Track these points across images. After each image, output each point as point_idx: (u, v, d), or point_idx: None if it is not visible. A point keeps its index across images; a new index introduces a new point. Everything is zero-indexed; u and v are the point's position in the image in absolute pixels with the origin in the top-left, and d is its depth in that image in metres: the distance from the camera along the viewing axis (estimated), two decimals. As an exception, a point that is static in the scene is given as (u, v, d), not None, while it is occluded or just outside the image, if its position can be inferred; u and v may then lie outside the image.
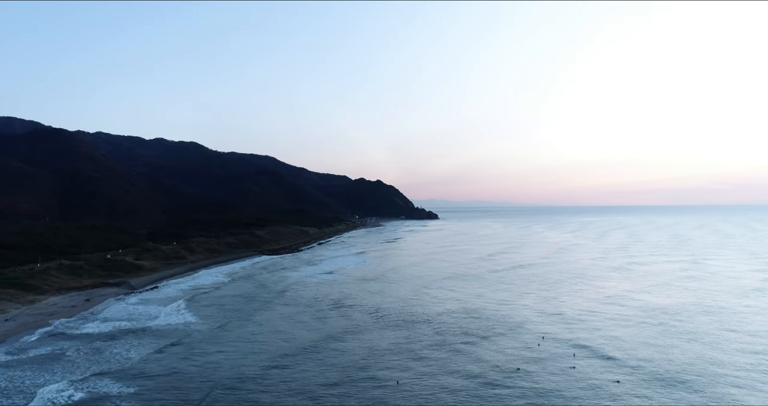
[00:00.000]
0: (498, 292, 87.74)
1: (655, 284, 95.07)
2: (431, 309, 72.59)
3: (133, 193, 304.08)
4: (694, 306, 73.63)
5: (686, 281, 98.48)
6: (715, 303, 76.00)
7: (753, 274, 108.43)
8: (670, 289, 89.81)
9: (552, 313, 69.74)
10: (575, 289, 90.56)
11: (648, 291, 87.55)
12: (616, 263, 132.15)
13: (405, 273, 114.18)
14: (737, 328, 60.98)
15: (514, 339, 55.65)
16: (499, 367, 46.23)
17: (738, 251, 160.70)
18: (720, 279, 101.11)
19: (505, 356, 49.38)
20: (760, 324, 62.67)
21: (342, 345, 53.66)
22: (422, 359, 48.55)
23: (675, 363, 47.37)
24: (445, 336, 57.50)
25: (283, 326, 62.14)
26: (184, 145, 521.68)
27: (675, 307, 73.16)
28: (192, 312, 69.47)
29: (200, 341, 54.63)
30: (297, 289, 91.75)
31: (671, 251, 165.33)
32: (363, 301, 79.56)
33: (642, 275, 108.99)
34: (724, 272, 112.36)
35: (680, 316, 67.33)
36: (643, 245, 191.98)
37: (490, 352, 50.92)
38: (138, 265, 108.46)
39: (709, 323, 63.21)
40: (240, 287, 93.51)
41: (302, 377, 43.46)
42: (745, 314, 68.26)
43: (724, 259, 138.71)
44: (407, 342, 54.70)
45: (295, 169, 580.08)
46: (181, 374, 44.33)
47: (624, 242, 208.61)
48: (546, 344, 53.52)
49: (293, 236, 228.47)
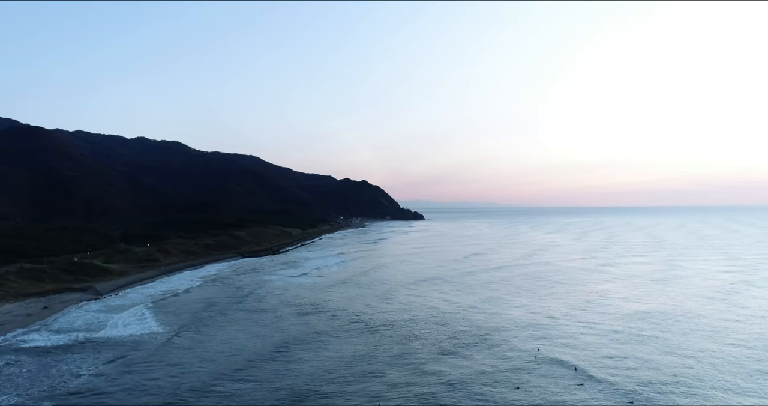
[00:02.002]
0: (469, 296, 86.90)
1: (628, 287, 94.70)
2: (398, 316, 71.21)
3: (111, 193, 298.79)
4: (661, 312, 73.41)
5: (655, 284, 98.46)
6: (685, 308, 75.82)
7: (721, 275, 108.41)
8: (641, 292, 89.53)
9: (522, 319, 68.62)
10: (548, 293, 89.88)
11: (621, 295, 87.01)
12: (591, 264, 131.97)
13: (380, 276, 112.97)
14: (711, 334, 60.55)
15: (483, 352, 53.08)
16: (461, 385, 44.36)
17: (711, 252, 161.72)
18: (688, 282, 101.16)
19: (469, 372, 46.69)
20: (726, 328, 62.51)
21: (297, 357, 51.17)
22: (381, 376, 45.35)
23: (641, 372, 46.57)
24: (409, 346, 55.68)
25: (242, 335, 60.07)
26: (166, 145, 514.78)
27: (644, 312, 72.97)
28: (156, 320, 67.34)
29: (154, 354, 52.24)
30: (268, 293, 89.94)
31: (647, 252, 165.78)
32: (330, 306, 78.17)
33: (615, 277, 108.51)
34: (693, 274, 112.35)
35: (649, 321, 67.02)
36: (619, 246, 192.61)
37: (453, 368, 47.67)
38: (107, 268, 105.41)
39: (675, 331, 62.59)
40: (211, 292, 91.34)
41: (250, 394, 41.41)
42: (714, 318, 68.05)
43: (697, 261, 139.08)
44: (368, 355, 52.16)
45: (279, 169, 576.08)
46: (132, 390, 42.12)
47: (602, 243, 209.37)
48: (512, 353, 52.23)
49: (275, 237, 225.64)
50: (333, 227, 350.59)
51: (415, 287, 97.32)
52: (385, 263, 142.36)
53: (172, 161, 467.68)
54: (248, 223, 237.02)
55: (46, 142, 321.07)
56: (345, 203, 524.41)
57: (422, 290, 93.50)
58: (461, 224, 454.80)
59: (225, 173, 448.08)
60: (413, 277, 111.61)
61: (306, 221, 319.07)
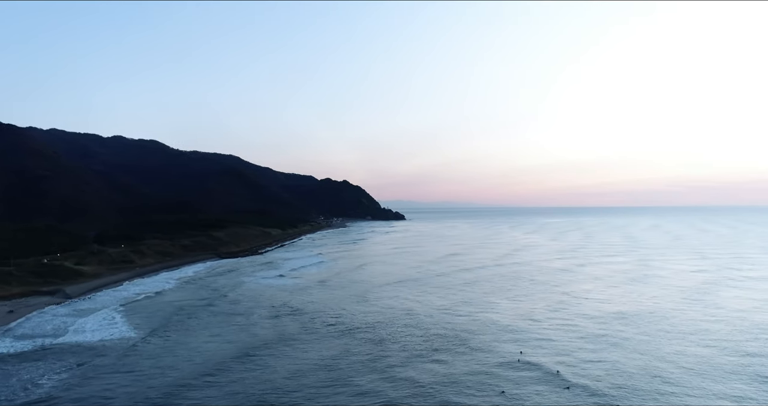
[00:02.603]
0: (445, 298, 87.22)
1: (605, 287, 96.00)
2: (372, 318, 71.19)
3: (87, 193, 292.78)
4: (638, 313, 74.28)
5: (631, 285, 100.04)
6: (662, 308, 76.95)
7: (696, 275, 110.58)
8: (618, 293, 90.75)
9: (500, 321, 69.07)
10: (525, 294, 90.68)
11: (598, 296, 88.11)
12: (567, 264, 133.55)
13: (357, 277, 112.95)
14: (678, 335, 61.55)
15: (462, 356, 52.41)
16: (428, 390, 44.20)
17: (682, 252, 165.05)
18: (663, 282, 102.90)
19: (438, 377, 46.02)
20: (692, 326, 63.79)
21: (266, 363, 50.29)
22: (351, 384, 44.31)
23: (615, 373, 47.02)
24: (382, 350, 55.47)
25: (211, 340, 59.17)
26: (144, 144, 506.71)
27: (622, 313, 73.91)
28: (126, 324, 66.28)
29: (119, 360, 51.11)
30: (242, 295, 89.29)
31: (622, 252, 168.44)
32: (304, 308, 77.85)
33: (592, 277, 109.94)
34: (668, 274, 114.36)
35: (627, 323, 67.75)
36: (595, 246, 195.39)
37: (422, 374, 46.82)
38: (78, 270, 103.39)
39: (654, 333, 63.37)
40: (185, 294, 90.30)
41: (213, 403, 40.78)
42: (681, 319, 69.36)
43: (669, 260, 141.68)
44: (339, 360, 51.54)
45: (260, 168, 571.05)
46: (92, 399, 41.16)
47: (579, 243, 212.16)
48: (485, 356, 52.36)
49: (254, 238, 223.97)
50: (313, 227, 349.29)
51: (391, 288, 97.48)
52: (362, 263, 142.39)
53: (150, 160, 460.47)
54: (227, 223, 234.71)
55: (18, 140, 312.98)
56: (326, 203, 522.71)
57: (398, 291, 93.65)
58: (442, 224, 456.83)
59: (204, 173, 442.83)
60: (390, 278, 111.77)
61: (286, 221, 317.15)
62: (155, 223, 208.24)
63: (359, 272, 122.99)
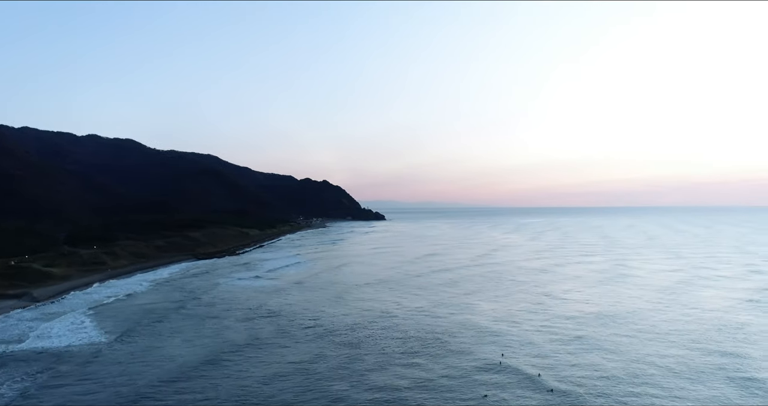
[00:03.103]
0: (422, 299, 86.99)
1: (583, 287, 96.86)
2: (348, 320, 70.58)
3: (60, 193, 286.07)
4: (616, 314, 74.81)
5: (609, 285, 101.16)
6: (640, 308, 77.78)
7: (673, 275, 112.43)
8: (596, 293, 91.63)
9: (479, 323, 68.98)
10: (503, 294, 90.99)
11: (576, 296, 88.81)
12: (545, 264, 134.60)
13: (334, 278, 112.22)
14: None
15: (436, 358, 51.85)
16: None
17: (657, 252, 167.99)
18: (640, 282, 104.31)
19: (418, 382, 45.29)
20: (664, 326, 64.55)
21: (235, 368, 49.07)
22: (323, 390, 43.00)
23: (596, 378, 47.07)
24: (355, 352, 54.84)
25: (181, 344, 57.63)
26: (120, 143, 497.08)
27: (601, 313, 74.33)
28: (93, 328, 64.43)
29: (83, 367, 49.24)
30: (216, 297, 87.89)
31: (598, 251, 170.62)
32: (278, 310, 76.85)
33: (568, 277, 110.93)
34: (645, 274, 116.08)
35: (606, 324, 68.12)
36: (572, 245, 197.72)
37: (400, 378, 45.97)
38: (47, 273, 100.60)
39: (633, 334, 63.78)
40: (157, 297, 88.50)
41: None
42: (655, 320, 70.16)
43: (644, 260, 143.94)
44: (311, 364, 50.41)
45: (238, 168, 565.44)
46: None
47: (557, 242, 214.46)
48: (466, 359, 51.82)
49: (232, 239, 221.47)
50: (293, 227, 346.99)
51: (368, 289, 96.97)
52: (340, 264, 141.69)
53: (126, 160, 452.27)
54: (204, 223, 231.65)
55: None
56: (306, 203, 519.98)
57: (376, 292, 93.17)
58: (422, 224, 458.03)
59: (182, 172, 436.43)
60: (367, 278, 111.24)
61: (265, 221, 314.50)
62: (130, 223, 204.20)
63: (337, 272, 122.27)
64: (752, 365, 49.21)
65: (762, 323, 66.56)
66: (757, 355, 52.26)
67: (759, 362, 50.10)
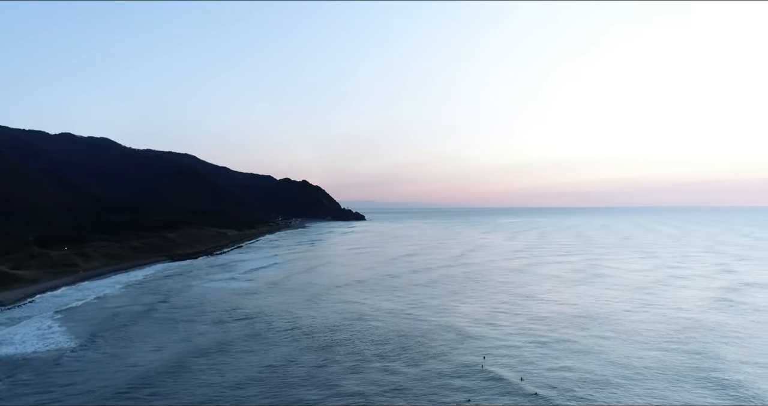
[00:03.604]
0: (399, 300, 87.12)
1: (559, 288, 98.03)
2: (321, 322, 70.21)
3: (32, 192, 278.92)
4: (593, 315, 75.53)
5: (583, 285, 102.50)
6: (610, 309, 78.84)
7: (651, 276, 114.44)
8: (572, 293, 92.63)
9: (456, 325, 69.17)
10: (480, 295, 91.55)
11: (554, 297, 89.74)
12: (520, 264, 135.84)
13: (310, 279, 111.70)
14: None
15: (413, 363, 50.94)
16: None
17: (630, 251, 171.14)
18: (617, 282, 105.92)
19: (395, 388, 44.26)
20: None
21: (201, 373, 47.60)
22: (291, 396, 41.76)
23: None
24: (326, 356, 54.16)
25: (147, 349, 56.27)
26: (95, 141, 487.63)
27: (575, 315, 75.10)
28: (60, 333, 62.84)
29: (43, 374, 47.62)
30: (189, 299, 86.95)
31: (573, 251, 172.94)
32: (250, 312, 76.15)
33: (545, 277, 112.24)
34: (616, 273, 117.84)
35: (578, 326, 68.75)
36: (548, 245, 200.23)
37: (373, 385, 44.78)
38: (14, 275, 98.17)
39: (611, 336, 64.51)
40: (130, 300, 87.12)
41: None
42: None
43: (619, 260, 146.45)
44: (281, 368, 49.24)
45: (217, 168, 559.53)
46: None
47: (533, 242, 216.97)
48: (445, 363, 51.32)
49: (210, 239, 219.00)
50: (272, 228, 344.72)
51: (344, 290, 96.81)
52: (318, 264, 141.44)
53: (101, 159, 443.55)
54: (181, 224, 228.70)
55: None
56: (285, 203, 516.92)
57: (351, 293, 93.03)
58: (402, 224, 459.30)
59: (159, 172, 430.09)
60: (344, 279, 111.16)
61: (244, 222, 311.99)
62: (104, 224, 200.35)
63: (313, 273, 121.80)
64: (729, 367, 49.30)
65: (735, 323, 67.38)
66: (732, 357, 52.47)
67: (735, 364, 50.25)
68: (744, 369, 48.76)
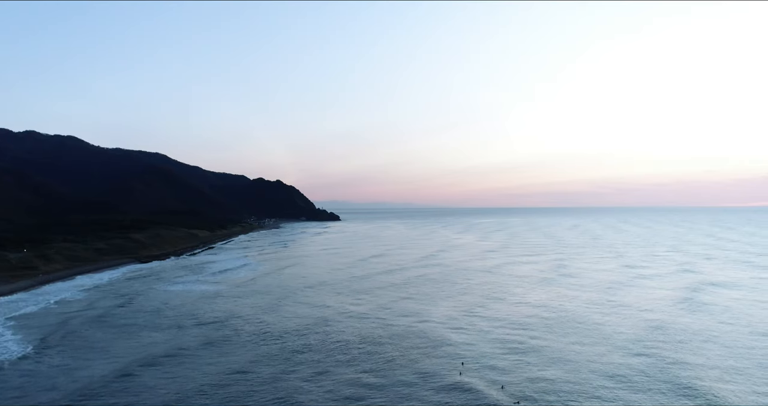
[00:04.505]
0: (366, 302, 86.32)
1: (528, 290, 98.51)
2: (283, 325, 68.86)
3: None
4: (560, 318, 75.91)
5: (555, 286, 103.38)
6: (583, 312, 79.27)
7: (606, 275, 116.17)
8: (541, 295, 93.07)
9: (426, 329, 68.43)
10: (450, 295, 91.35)
11: (525, 298, 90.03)
12: (492, 264, 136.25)
13: (279, 281, 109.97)
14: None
15: (385, 371, 49.19)
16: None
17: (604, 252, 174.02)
18: (591, 284, 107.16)
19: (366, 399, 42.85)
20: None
21: (150, 384, 45.09)
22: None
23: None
24: (286, 365, 52.49)
25: (95, 357, 53.58)
26: (61, 140, 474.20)
27: (548, 318, 75.32)
28: (11, 342, 59.75)
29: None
30: (150, 303, 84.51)
31: (544, 251, 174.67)
32: (210, 316, 73.94)
33: (515, 278, 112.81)
34: (588, 274, 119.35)
35: (549, 330, 68.82)
36: (519, 244, 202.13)
37: (331, 398, 42.90)
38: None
39: (584, 340, 64.74)
40: (90, 304, 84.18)
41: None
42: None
43: (587, 260, 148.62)
44: (236, 378, 46.87)
45: (188, 167, 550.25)
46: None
47: (505, 242, 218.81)
48: (420, 371, 49.85)
49: (179, 240, 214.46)
50: (245, 228, 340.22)
51: (310, 292, 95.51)
52: (288, 265, 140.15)
53: (68, 158, 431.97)
54: (149, 224, 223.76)
55: None
56: (259, 203, 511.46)
57: (318, 295, 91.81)
58: (377, 224, 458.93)
59: (128, 171, 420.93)
60: (312, 280, 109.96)
61: (215, 222, 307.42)
62: (68, 224, 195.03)
63: (282, 276, 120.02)
64: (698, 373, 48.45)
65: (701, 325, 67.47)
66: (699, 362, 51.71)
67: (703, 369, 49.55)
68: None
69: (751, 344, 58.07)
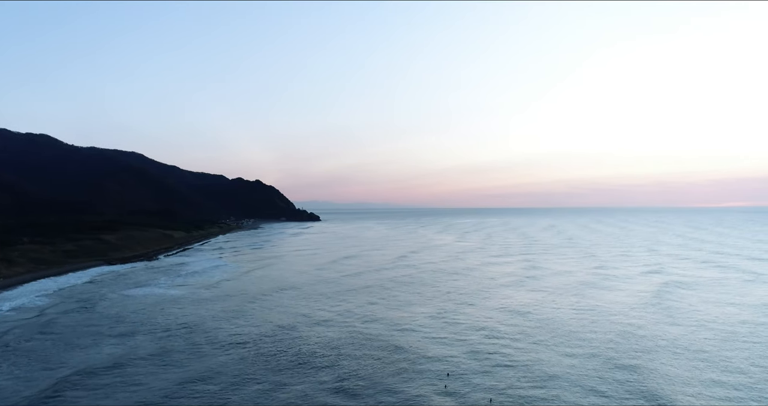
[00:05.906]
0: (337, 306, 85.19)
1: (507, 290, 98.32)
2: (246, 330, 67.31)
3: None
4: (540, 324, 75.81)
5: (532, 289, 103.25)
6: (561, 315, 79.28)
7: (582, 276, 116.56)
8: (518, 297, 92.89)
9: (411, 339, 67.84)
10: (427, 299, 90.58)
11: (504, 300, 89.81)
12: (468, 264, 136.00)
13: (250, 285, 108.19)
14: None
15: (367, 385, 47.27)
16: None
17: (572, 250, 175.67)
18: (553, 282, 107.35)
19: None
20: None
21: (89, 397, 42.41)
22: None
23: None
24: (245, 375, 50.72)
25: (37, 368, 51.21)
26: (33, 138, 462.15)
27: (526, 323, 75.05)
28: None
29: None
30: (110, 308, 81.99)
31: (521, 251, 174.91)
32: (172, 322, 72.07)
33: (494, 277, 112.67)
34: (560, 274, 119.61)
35: (530, 337, 68.64)
36: (496, 244, 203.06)
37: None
38: None
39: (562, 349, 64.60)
40: (49, 310, 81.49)
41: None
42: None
43: (564, 260, 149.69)
44: (190, 389, 44.22)
45: (165, 167, 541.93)
46: None
47: (482, 242, 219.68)
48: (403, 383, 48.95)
49: (153, 242, 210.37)
50: (223, 228, 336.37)
51: (281, 295, 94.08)
52: (263, 266, 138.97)
53: (40, 156, 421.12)
54: (121, 225, 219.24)
55: None
56: (237, 203, 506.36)
57: (287, 299, 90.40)
58: (357, 224, 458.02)
59: (102, 170, 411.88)
60: (285, 283, 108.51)
61: (192, 222, 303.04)
62: (34, 225, 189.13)
63: (256, 278, 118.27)
64: (668, 381, 47.26)
65: (676, 329, 67.41)
66: (672, 373, 49.94)
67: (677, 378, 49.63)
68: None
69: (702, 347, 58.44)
